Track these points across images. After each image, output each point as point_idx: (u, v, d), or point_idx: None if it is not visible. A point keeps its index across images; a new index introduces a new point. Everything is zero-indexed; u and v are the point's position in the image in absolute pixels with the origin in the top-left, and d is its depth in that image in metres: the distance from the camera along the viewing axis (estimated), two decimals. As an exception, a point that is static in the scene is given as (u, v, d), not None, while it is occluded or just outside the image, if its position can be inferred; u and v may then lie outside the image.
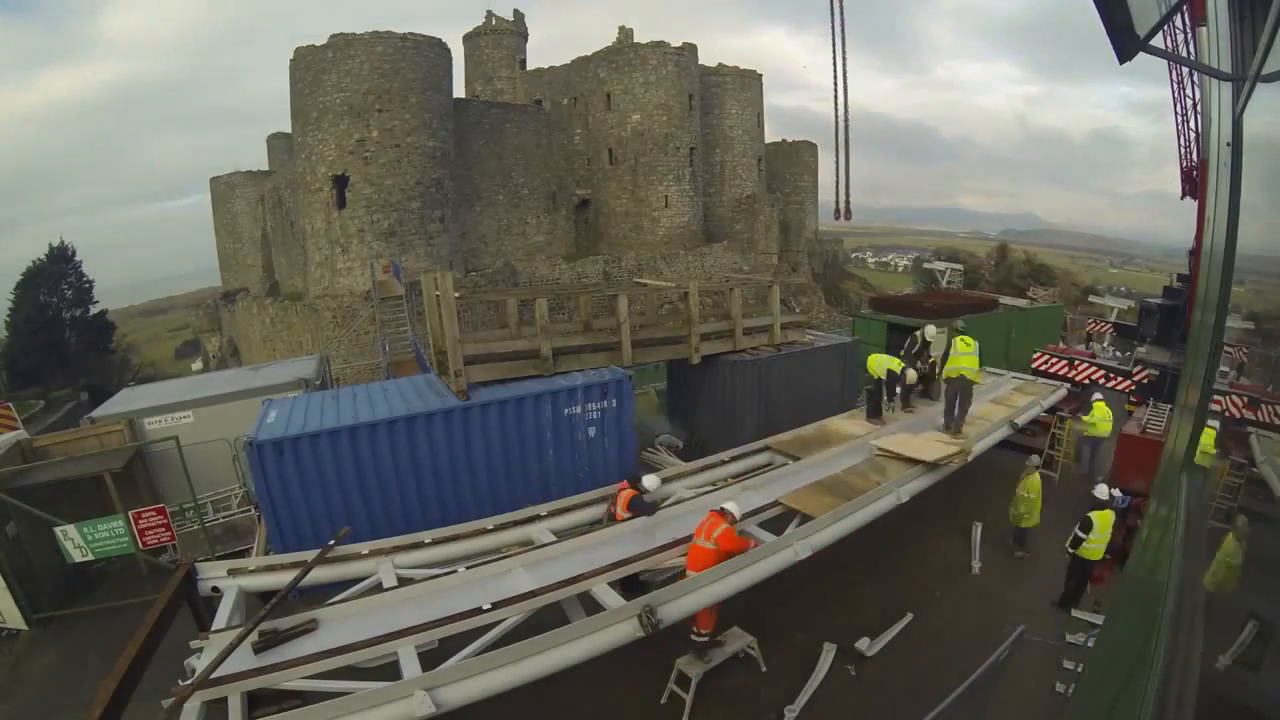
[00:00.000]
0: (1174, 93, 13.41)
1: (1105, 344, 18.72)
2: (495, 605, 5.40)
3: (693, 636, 6.42)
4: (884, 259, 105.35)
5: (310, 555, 6.19)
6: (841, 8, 8.92)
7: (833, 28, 8.91)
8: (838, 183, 10.07)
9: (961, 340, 9.52)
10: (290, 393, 11.20)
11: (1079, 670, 6.57)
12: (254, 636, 4.95)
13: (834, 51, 9.04)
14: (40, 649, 8.46)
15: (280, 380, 12.41)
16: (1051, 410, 12.04)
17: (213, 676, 4.53)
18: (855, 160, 10.16)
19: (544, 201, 33.83)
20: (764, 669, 6.85)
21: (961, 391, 9.40)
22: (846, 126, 9.50)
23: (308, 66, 26.09)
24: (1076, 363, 15.40)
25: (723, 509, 6.23)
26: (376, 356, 20.91)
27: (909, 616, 7.76)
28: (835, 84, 9.32)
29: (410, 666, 4.81)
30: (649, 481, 7.55)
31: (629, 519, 7.09)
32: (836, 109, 9.40)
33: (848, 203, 10.45)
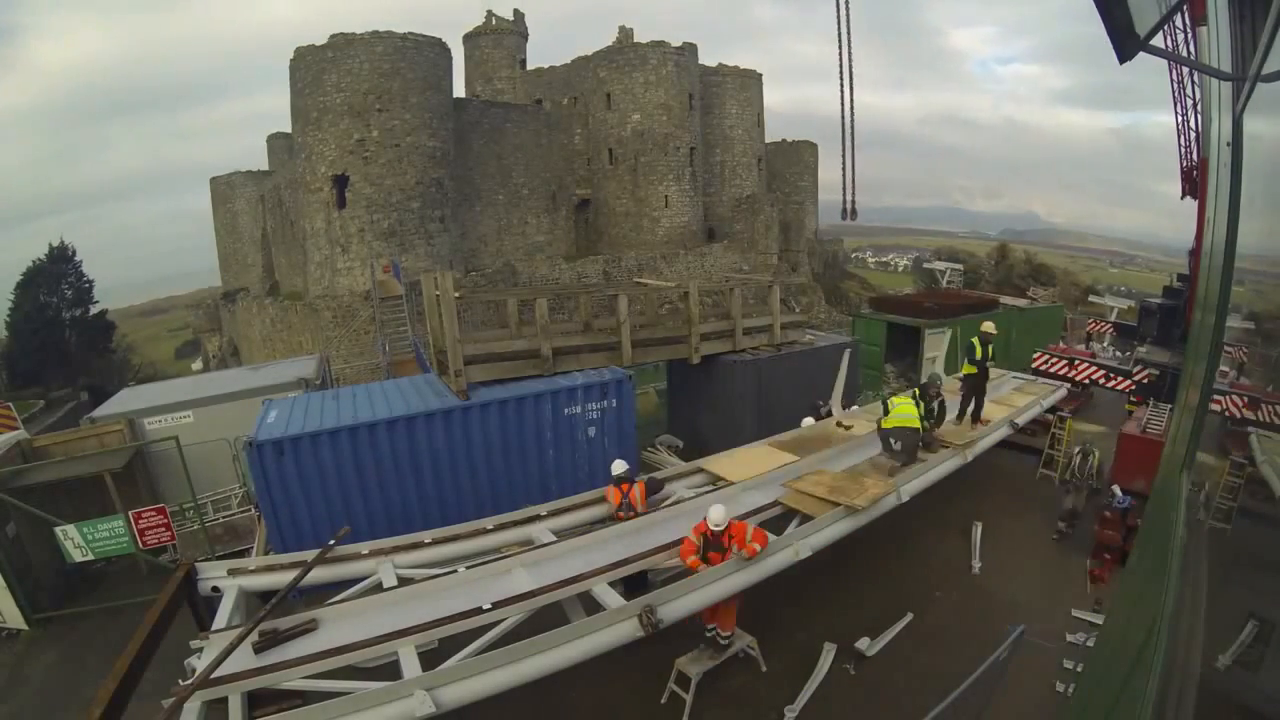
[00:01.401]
0: (1174, 92, 13.41)
1: (1105, 344, 18.73)
2: (495, 605, 5.39)
3: (719, 639, 6.54)
4: (884, 259, 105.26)
5: (310, 555, 6.19)
6: (847, 4, 8.84)
7: (838, 24, 8.84)
8: (844, 183, 10.03)
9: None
10: (290, 393, 11.20)
11: (1079, 670, 6.57)
12: (254, 636, 4.95)
13: (840, 49, 8.98)
14: (40, 649, 8.45)
15: (280, 380, 12.42)
16: (1052, 410, 12.05)
17: (213, 676, 4.53)
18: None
19: (544, 201, 33.83)
20: (764, 669, 6.85)
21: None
22: (853, 126, 9.46)
23: (308, 66, 26.08)
24: (1077, 363, 15.40)
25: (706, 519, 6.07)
26: (376, 356, 20.92)
27: (909, 616, 7.76)
28: (841, 83, 9.27)
29: (410, 666, 4.81)
30: (617, 466, 7.60)
31: (642, 513, 7.20)
32: (843, 108, 9.35)
33: (854, 202, 10.42)
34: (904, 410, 8.24)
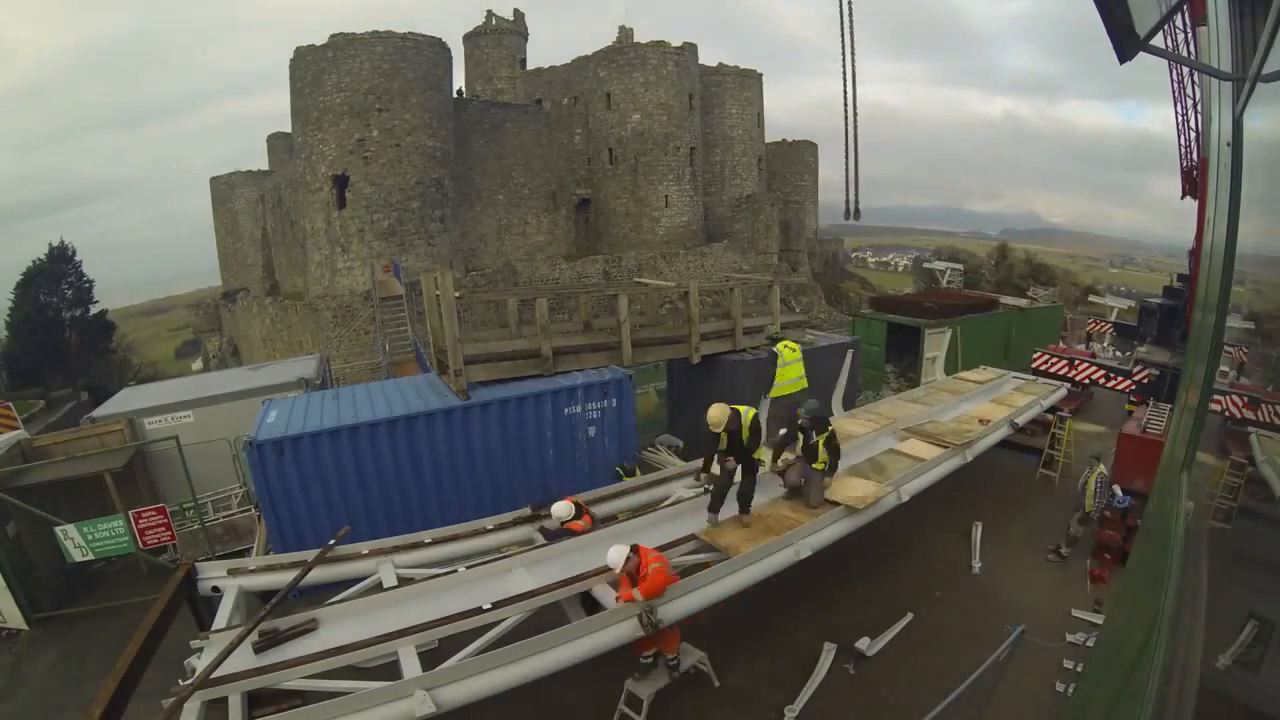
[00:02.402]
0: (1174, 92, 13.42)
1: (1105, 344, 18.74)
2: (495, 605, 5.39)
3: (668, 662, 6.17)
4: (884, 259, 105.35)
5: (310, 555, 6.19)
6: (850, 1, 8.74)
7: (841, 20, 8.75)
8: (848, 182, 9.92)
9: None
10: (290, 392, 11.21)
11: (1079, 670, 6.57)
12: (254, 636, 4.95)
13: (843, 46, 8.90)
14: (40, 649, 8.46)
15: (280, 380, 12.44)
16: (1052, 410, 12.05)
17: (213, 676, 4.53)
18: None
19: (544, 201, 33.84)
20: (716, 684, 6.53)
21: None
22: (855, 124, 9.37)
23: (308, 66, 26.10)
24: (1077, 363, 15.41)
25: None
26: (376, 356, 20.92)
27: (909, 616, 7.76)
28: (845, 80, 9.19)
29: (410, 666, 4.81)
30: (559, 509, 6.88)
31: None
32: (846, 106, 9.26)
33: (857, 202, 10.30)
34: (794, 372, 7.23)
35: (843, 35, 8.73)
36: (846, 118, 9.23)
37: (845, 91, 9.14)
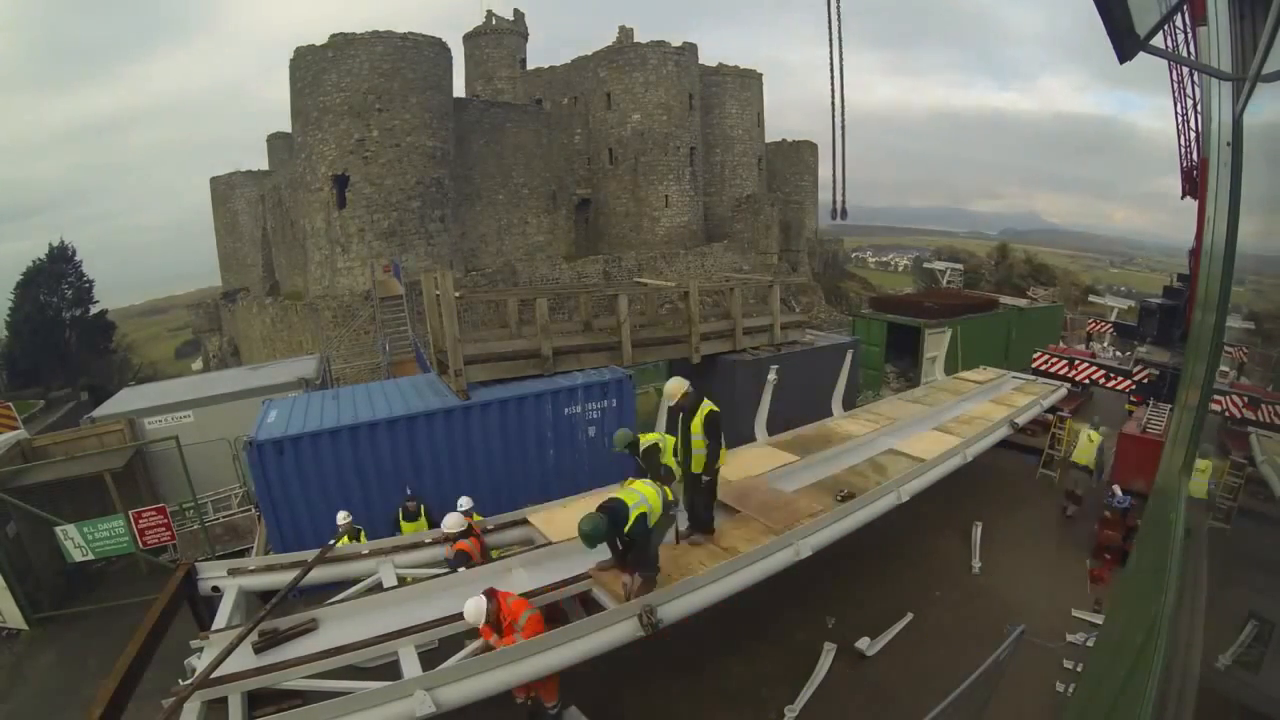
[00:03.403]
0: (1174, 92, 13.41)
1: (1105, 344, 18.75)
2: (495, 605, 5.39)
3: (546, 711, 5.61)
4: (884, 259, 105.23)
5: (310, 555, 6.18)
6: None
7: (829, 19, 8.74)
8: (835, 182, 9.96)
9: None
10: (290, 392, 11.22)
11: (1079, 670, 6.57)
12: (254, 636, 4.94)
13: (830, 45, 8.90)
14: (40, 649, 8.46)
15: (280, 380, 12.45)
16: (1052, 410, 12.05)
17: (213, 676, 4.52)
18: (851, 157, 10.01)
19: (544, 201, 33.84)
20: None
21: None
22: (843, 125, 9.37)
23: (308, 66, 26.10)
24: (1077, 363, 15.41)
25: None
26: (376, 356, 20.92)
27: (909, 616, 7.76)
28: (832, 80, 9.19)
29: (410, 666, 4.81)
30: (449, 520, 6.55)
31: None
32: (834, 107, 9.27)
33: (844, 202, 10.34)
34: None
35: (831, 37, 8.72)
36: (834, 119, 9.21)
37: (833, 92, 9.13)
